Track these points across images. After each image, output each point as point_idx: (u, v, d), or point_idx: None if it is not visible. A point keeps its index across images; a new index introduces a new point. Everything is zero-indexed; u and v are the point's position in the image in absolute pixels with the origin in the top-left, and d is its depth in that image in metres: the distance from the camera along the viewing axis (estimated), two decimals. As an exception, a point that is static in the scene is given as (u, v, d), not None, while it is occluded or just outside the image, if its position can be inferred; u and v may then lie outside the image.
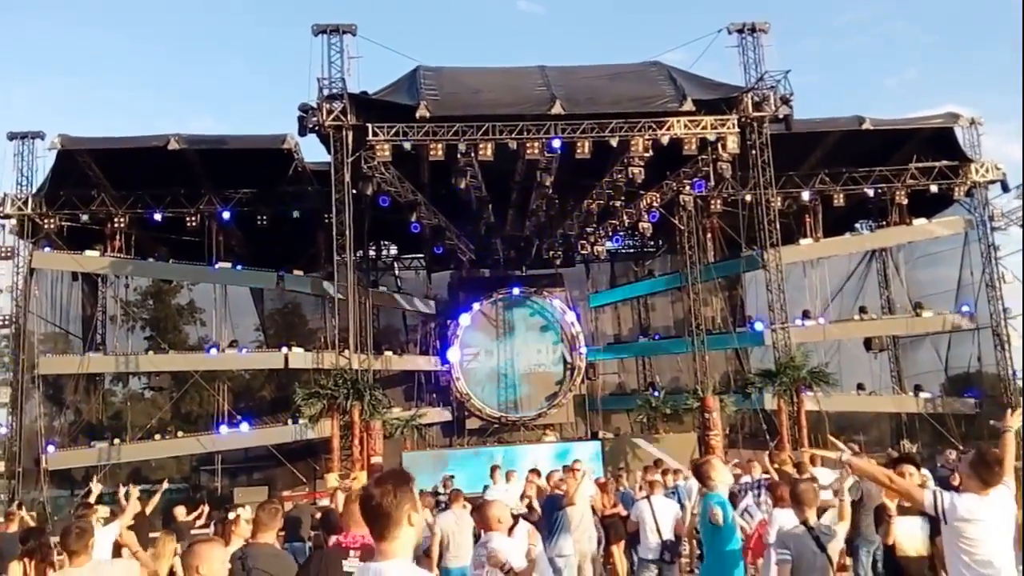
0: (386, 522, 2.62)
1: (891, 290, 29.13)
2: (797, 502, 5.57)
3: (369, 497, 2.64)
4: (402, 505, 2.63)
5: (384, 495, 2.62)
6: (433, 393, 27.58)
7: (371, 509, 2.64)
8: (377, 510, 2.62)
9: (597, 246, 25.79)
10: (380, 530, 2.63)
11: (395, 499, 2.63)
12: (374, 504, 2.63)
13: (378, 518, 2.63)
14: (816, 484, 6.20)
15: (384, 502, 2.62)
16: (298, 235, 24.97)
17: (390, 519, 2.62)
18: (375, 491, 2.64)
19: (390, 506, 2.62)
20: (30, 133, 24.14)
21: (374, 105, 20.58)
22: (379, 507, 2.62)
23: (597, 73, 22.66)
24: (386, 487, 2.64)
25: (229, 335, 26.66)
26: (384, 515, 2.62)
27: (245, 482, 25.52)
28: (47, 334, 26.10)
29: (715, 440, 22.16)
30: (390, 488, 2.64)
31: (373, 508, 2.63)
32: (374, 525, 2.65)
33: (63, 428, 25.98)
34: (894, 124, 25.45)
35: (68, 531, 5.02)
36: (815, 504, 5.56)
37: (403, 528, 2.63)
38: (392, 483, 2.66)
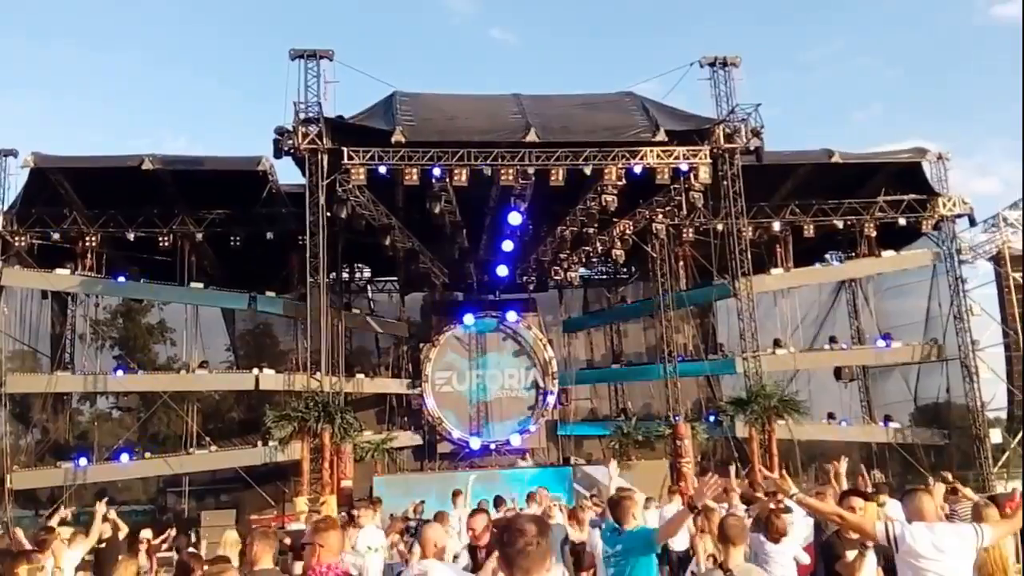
0: (530, 566, 2.51)
1: (860, 320, 29.50)
2: (723, 538, 5.08)
3: (520, 533, 2.53)
4: (548, 550, 2.56)
5: (540, 534, 2.54)
6: (404, 416, 27.45)
7: (521, 547, 2.52)
8: (527, 549, 2.51)
9: (570, 272, 25.94)
10: (527, 569, 2.50)
11: (545, 543, 2.55)
12: (523, 545, 2.52)
13: (524, 559, 2.50)
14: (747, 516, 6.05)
15: (536, 542, 2.52)
16: (271, 256, 24.94)
17: (535, 564, 2.51)
18: (528, 527, 2.55)
19: (540, 552, 2.52)
20: (2, 150, 24.05)
21: (350, 129, 20.70)
22: (527, 548, 2.51)
23: (571, 102, 22.95)
24: (542, 527, 2.56)
25: (199, 355, 26.46)
26: (532, 558, 2.50)
27: (212, 504, 25.23)
28: (15, 352, 25.81)
29: (687, 467, 22.23)
30: (539, 531, 2.55)
31: (522, 548, 2.52)
32: (520, 562, 2.51)
33: (29, 447, 25.63)
34: (862, 158, 25.94)
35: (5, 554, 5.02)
36: (742, 543, 5.08)
37: (548, 568, 2.55)
38: (539, 527, 2.57)
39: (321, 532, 4.51)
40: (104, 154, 23.88)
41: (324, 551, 4.40)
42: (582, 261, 26.29)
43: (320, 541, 4.46)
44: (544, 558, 2.54)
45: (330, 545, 4.41)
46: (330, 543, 4.42)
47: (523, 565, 2.51)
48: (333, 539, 4.45)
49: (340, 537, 4.53)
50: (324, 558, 4.37)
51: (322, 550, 4.42)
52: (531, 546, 2.51)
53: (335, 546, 4.44)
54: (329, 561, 4.34)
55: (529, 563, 2.51)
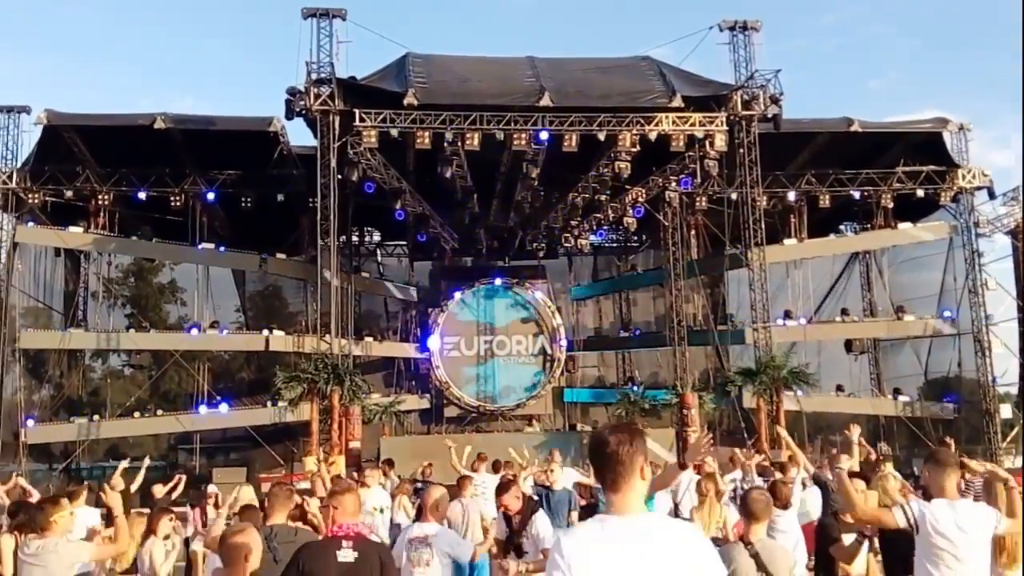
0: (621, 471, 2.43)
1: (873, 293, 29.23)
2: (746, 512, 4.79)
3: (604, 443, 2.46)
4: (637, 455, 2.46)
5: (621, 443, 2.44)
6: (412, 380, 27.61)
7: (606, 456, 2.44)
8: (613, 458, 2.43)
9: (581, 239, 25.79)
10: (614, 480, 2.43)
11: (631, 448, 2.45)
12: (610, 451, 2.44)
13: (613, 467, 2.43)
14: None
15: (621, 451, 2.43)
16: (282, 218, 24.90)
17: (625, 468, 2.43)
18: (611, 438, 2.46)
19: (626, 455, 2.43)
20: (16, 107, 23.95)
21: (362, 91, 20.55)
22: (615, 455, 2.43)
23: (587, 66, 22.64)
24: (622, 435, 2.46)
25: (210, 316, 26.59)
26: (619, 463, 2.43)
27: (222, 462, 25.54)
28: (28, 308, 26.02)
29: (693, 436, 22.27)
30: (627, 437, 2.46)
31: (608, 455, 2.44)
32: (607, 474, 2.45)
33: (43, 402, 25.95)
34: (883, 127, 25.47)
35: (35, 506, 5.11)
36: (766, 518, 4.84)
37: (637, 480, 2.45)
38: (628, 432, 2.48)
39: (337, 495, 4.50)
40: (115, 112, 23.81)
41: (338, 513, 4.39)
42: (593, 228, 26.14)
43: (335, 503, 4.46)
44: (631, 469, 2.44)
45: (345, 507, 4.40)
46: (345, 505, 4.42)
47: (608, 477, 2.44)
48: (349, 502, 4.44)
49: (357, 500, 4.52)
50: (339, 519, 4.36)
51: (336, 512, 4.42)
52: (614, 455, 2.43)
53: (350, 508, 4.43)
54: (346, 523, 4.34)
55: (614, 475, 2.43)
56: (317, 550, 4.31)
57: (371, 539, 4.51)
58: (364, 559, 4.14)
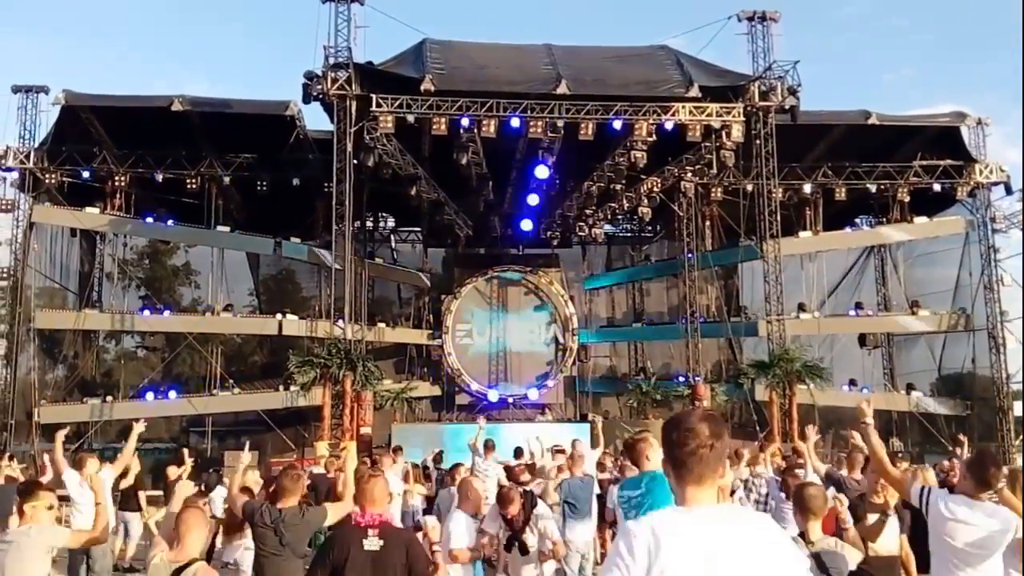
0: (712, 463, 2.20)
1: (888, 287, 29.09)
2: (802, 509, 4.36)
3: (694, 433, 2.19)
4: (725, 448, 2.27)
5: (715, 435, 2.20)
6: (424, 367, 27.64)
7: (695, 447, 2.18)
8: (704, 449, 2.19)
9: (595, 228, 25.72)
10: (700, 473, 2.19)
11: (723, 441, 2.23)
12: (702, 442, 2.18)
13: (701, 458, 2.18)
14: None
15: (715, 443, 2.20)
16: (297, 202, 24.92)
17: (717, 461, 2.21)
18: (702, 428, 2.20)
19: (720, 447, 2.21)
20: (34, 87, 24.09)
21: (379, 76, 20.53)
22: (708, 447, 2.19)
23: (604, 54, 22.54)
24: (715, 426, 2.22)
25: (224, 299, 26.65)
26: (711, 455, 2.19)
27: (234, 445, 25.52)
28: (44, 288, 26.16)
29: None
30: (718, 429, 2.22)
31: (698, 447, 2.18)
32: (692, 466, 2.19)
33: (56, 382, 26.11)
34: (900, 120, 25.29)
35: (22, 489, 5.10)
36: (822, 514, 4.43)
37: (721, 474, 2.28)
38: (718, 424, 2.23)
39: (364, 484, 4.53)
40: (131, 93, 23.86)
41: (366, 501, 4.44)
42: (607, 218, 26.05)
43: (363, 492, 4.49)
44: (719, 462, 2.23)
45: (372, 496, 4.43)
46: (373, 494, 4.45)
47: (695, 470, 2.19)
48: (376, 490, 4.46)
49: (384, 488, 4.55)
50: (367, 508, 4.39)
51: (363, 500, 4.45)
52: (704, 448, 2.20)
53: (378, 497, 4.45)
54: (372, 512, 4.36)
55: (702, 468, 2.19)
56: (344, 538, 4.35)
57: (397, 527, 4.52)
58: (390, 547, 4.20)
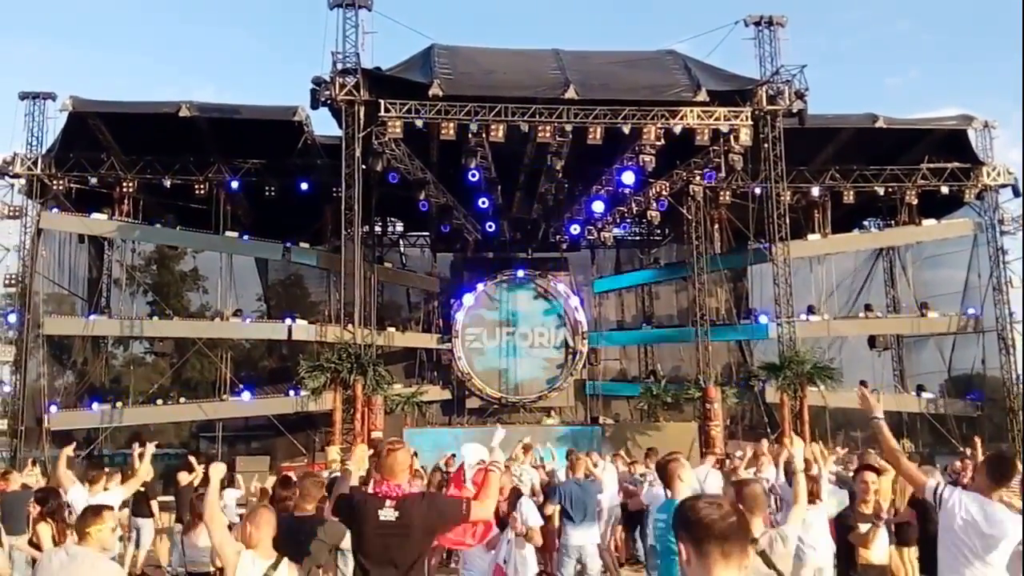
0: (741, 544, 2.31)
1: (897, 289, 29.07)
2: (746, 506, 4.37)
3: (725, 514, 2.30)
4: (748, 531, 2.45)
5: (740, 514, 2.36)
6: (434, 371, 27.64)
7: (725, 528, 2.29)
8: (737, 529, 2.30)
9: (604, 232, 25.71)
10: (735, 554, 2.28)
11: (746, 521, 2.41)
12: (731, 523, 2.29)
13: (738, 544, 2.29)
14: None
15: (741, 522, 2.34)
16: (305, 208, 24.95)
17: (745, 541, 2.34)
18: (728, 509, 2.33)
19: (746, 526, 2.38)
20: (42, 94, 24.09)
21: (387, 81, 20.52)
22: (740, 527, 2.32)
23: (612, 59, 22.54)
24: (735, 509, 2.37)
25: (233, 304, 26.69)
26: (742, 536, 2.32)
27: (244, 451, 25.62)
28: (52, 294, 26.18)
29: (715, 431, 22.25)
30: (739, 509, 2.39)
31: (729, 527, 2.29)
32: (730, 546, 2.28)
33: (66, 388, 26.13)
34: (907, 123, 25.33)
35: (86, 510, 5.00)
36: (763, 511, 4.67)
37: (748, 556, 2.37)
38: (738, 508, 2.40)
39: (383, 456, 4.48)
40: (138, 100, 23.89)
41: (385, 471, 4.39)
42: (616, 221, 26.04)
43: (382, 463, 4.45)
44: (746, 538, 2.36)
45: (391, 468, 4.39)
46: (391, 466, 4.40)
47: (721, 545, 2.29)
48: (395, 462, 4.42)
49: (406, 459, 4.50)
50: (386, 478, 4.36)
51: (383, 471, 4.42)
52: (730, 519, 2.33)
53: (397, 469, 4.41)
54: (394, 482, 4.34)
55: (728, 544, 2.29)
56: (362, 505, 4.31)
57: (414, 493, 4.47)
58: (406, 516, 4.16)
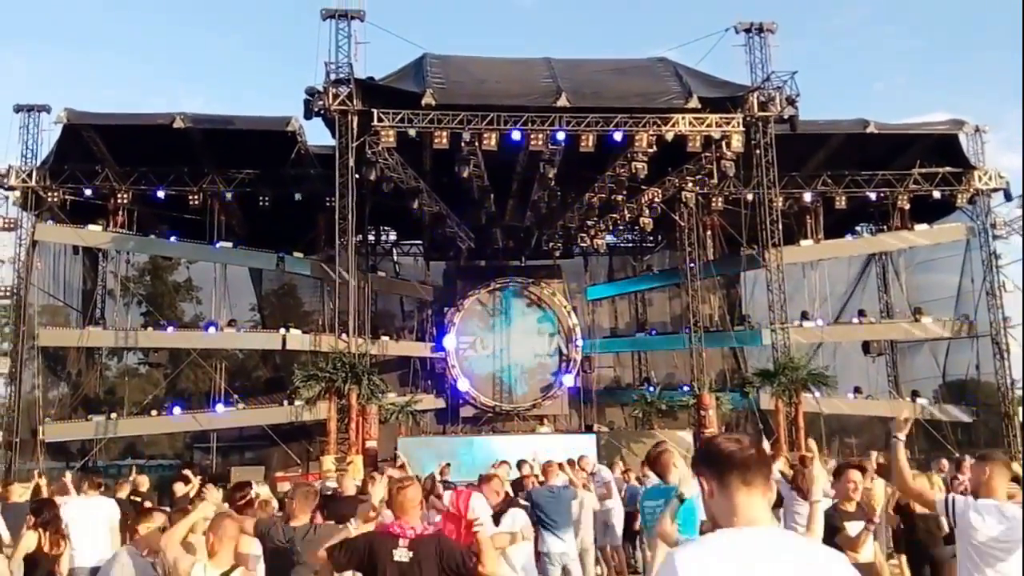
0: (763, 474, 2.16)
1: (890, 295, 29.13)
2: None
3: (741, 445, 2.17)
4: (770, 464, 2.24)
5: (756, 446, 2.19)
6: (428, 380, 27.64)
7: (743, 458, 2.14)
8: (755, 459, 2.15)
9: (596, 239, 25.77)
10: (750, 481, 2.13)
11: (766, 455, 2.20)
12: (749, 454, 2.15)
13: (755, 468, 2.14)
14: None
15: (760, 453, 2.16)
16: (299, 217, 24.98)
17: (767, 473, 2.18)
18: (745, 441, 2.19)
19: (766, 458, 2.18)
20: (36, 106, 24.14)
21: (380, 91, 20.59)
22: (759, 458, 2.17)
23: (603, 67, 22.64)
24: (752, 440, 2.21)
25: (227, 314, 26.70)
26: (762, 466, 2.16)
27: (238, 461, 25.62)
28: (47, 306, 26.16)
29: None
30: (757, 442, 2.22)
31: (747, 458, 2.14)
32: (747, 476, 2.13)
33: (61, 400, 26.09)
34: (898, 128, 25.43)
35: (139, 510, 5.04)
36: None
37: (771, 487, 2.22)
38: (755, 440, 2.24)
39: (395, 494, 4.52)
40: (131, 111, 23.95)
41: (398, 510, 4.47)
42: (609, 228, 26.11)
43: (396, 503, 4.49)
44: (768, 468, 2.21)
45: (403, 506, 4.46)
46: (403, 504, 4.46)
47: (744, 474, 2.16)
48: (407, 500, 4.47)
49: (416, 496, 4.54)
50: (403, 519, 4.41)
51: (396, 510, 4.49)
52: (750, 450, 2.19)
53: (408, 506, 4.45)
54: (406, 522, 4.39)
55: (751, 472, 2.16)
56: (376, 543, 4.34)
57: (427, 535, 4.51)
58: (419, 558, 4.22)
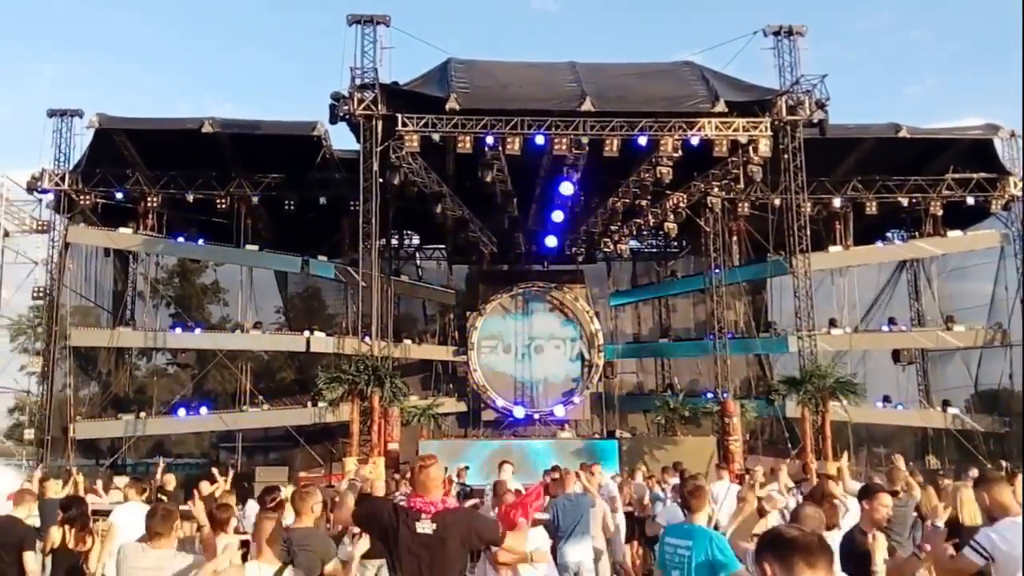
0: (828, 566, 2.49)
1: (922, 302, 28.60)
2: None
3: (816, 538, 2.53)
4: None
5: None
6: (450, 383, 27.67)
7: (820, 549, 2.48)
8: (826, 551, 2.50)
9: (620, 244, 25.61)
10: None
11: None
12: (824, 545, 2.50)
13: (823, 558, 2.47)
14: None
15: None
16: (323, 221, 25.18)
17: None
18: (817, 536, 2.57)
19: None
20: (69, 111, 24.65)
21: (404, 96, 20.68)
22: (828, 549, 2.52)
23: (628, 71, 22.52)
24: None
25: (253, 316, 27.02)
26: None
27: (263, 461, 25.86)
28: (78, 307, 26.65)
29: (734, 445, 21.89)
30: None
31: (823, 548, 2.49)
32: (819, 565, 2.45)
33: (91, 399, 26.55)
34: (931, 133, 24.99)
35: (154, 512, 5.08)
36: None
37: None
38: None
39: (416, 473, 4.49)
40: (162, 116, 24.32)
41: (420, 488, 4.39)
42: (632, 233, 25.93)
43: (418, 482, 4.43)
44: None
45: (425, 485, 4.38)
46: (425, 483, 4.38)
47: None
48: (428, 478, 4.41)
49: (438, 474, 4.47)
50: (425, 496, 4.36)
51: (419, 487, 4.42)
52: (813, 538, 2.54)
53: (431, 485, 4.39)
54: (429, 498, 4.34)
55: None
56: (395, 518, 4.30)
57: (453, 508, 4.46)
58: (443, 529, 4.20)
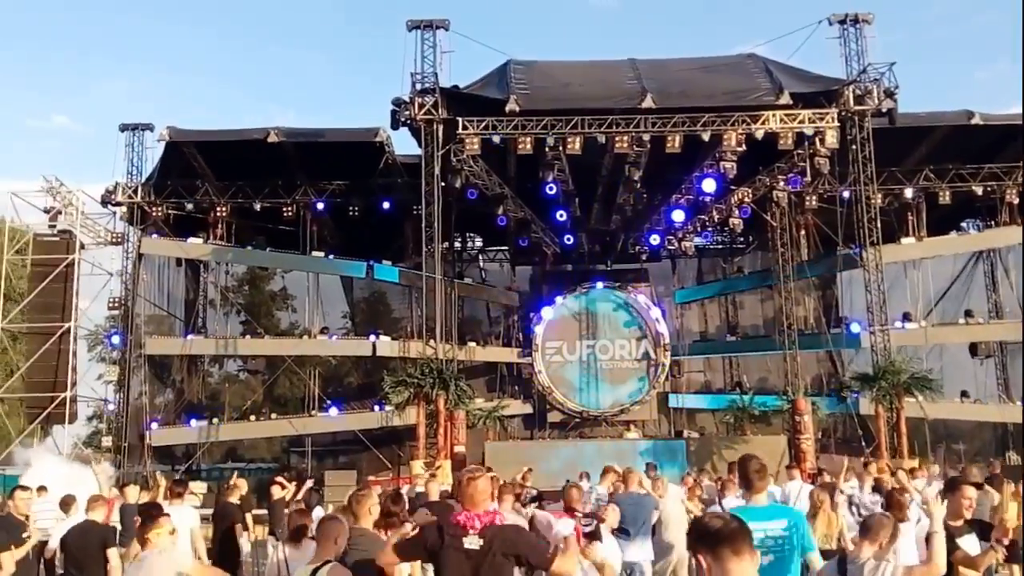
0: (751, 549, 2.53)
1: (999, 294, 27.57)
2: (865, 530, 4.72)
3: (736, 524, 2.55)
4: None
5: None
6: (515, 385, 27.69)
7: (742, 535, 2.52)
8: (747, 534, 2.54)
9: (685, 242, 25.29)
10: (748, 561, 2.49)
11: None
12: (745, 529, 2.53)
13: (746, 543, 2.50)
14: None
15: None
16: (387, 226, 25.50)
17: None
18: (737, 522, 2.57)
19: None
20: (140, 125, 25.45)
21: (465, 99, 20.76)
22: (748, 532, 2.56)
23: (689, 66, 22.23)
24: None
25: (320, 322, 27.47)
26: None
27: (332, 465, 26.28)
28: (152, 316, 27.49)
29: (806, 444, 21.44)
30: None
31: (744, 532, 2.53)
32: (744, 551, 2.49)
33: (166, 406, 27.32)
34: (1006, 119, 24.00)
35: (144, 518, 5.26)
36: (882, 539, 4.71)
37: None
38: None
39: (463, 485, 4.49)
40: (229, 127, 24.92)
41: (467, 501, 4.39)
42: (697, 230, 25.59)
43: (464, 493, 4.44)
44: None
45: (472, 497, 4.38)
46: (472, 495, 4.38)
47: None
48: (476, 490, 4.40)
49: (486, 487, 4.48)
50: (472, 509, 4.36)
51: (465, 500, 4.42)
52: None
53: (478, 498, 4.39)
54: (475, 512, 4.34)
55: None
56: (444, 532, 4.33)
57: (501, 524, 4.44)
58: (491, 545, 4.20)
